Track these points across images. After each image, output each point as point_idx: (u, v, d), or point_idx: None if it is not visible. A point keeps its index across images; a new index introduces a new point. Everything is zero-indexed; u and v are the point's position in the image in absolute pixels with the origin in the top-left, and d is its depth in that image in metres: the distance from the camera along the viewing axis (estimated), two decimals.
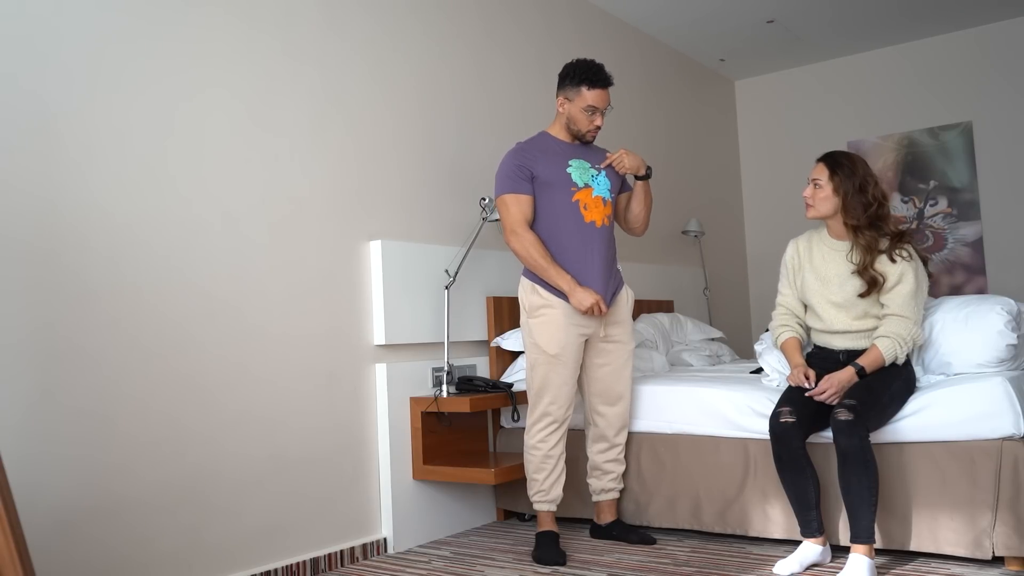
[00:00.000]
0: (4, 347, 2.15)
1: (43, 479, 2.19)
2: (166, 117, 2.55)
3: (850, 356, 2.76)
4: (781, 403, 2.69)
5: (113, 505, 2.33)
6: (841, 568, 2.51)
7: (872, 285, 2.70)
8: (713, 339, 4.55)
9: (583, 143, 3.06)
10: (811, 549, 2.64)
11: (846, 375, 2.65)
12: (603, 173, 3.03)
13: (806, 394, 2.67)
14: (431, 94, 3.53)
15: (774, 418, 2.65)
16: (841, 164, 2.76)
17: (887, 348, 2.66)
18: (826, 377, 2.66)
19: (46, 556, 2.15)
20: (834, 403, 2.62)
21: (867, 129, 5.65)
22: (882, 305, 2.73)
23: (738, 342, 5.53)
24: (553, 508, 3.02)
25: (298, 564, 2.79)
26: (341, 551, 2.94)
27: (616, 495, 3.15)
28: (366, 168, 3.19)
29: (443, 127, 3.57)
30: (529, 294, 2.99)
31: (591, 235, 2.96)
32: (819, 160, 2.82)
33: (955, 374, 2.84)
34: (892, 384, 2.68)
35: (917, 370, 2.88)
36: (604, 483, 3.13)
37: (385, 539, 3.11)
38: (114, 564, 2.32)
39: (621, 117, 4.65)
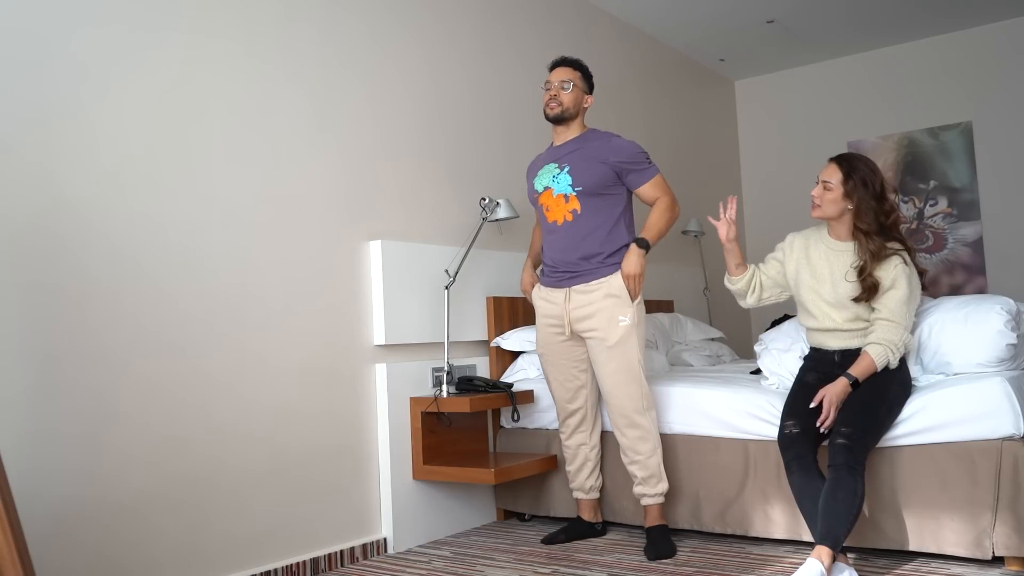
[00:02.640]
0: (4, 346, 2.15)
1: (43, 479, 2.19)
2: (166, 117, 2.55)
3: (844, 356, 2.75)
4: (784, 416, 2.69)
5: (113, 505, 2.33)
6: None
7: (871, 292, 2.66)
8: (713, 339, 4.55)
9: (558, 125, 3.10)
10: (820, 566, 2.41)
11: (840, 387, 2.61)
12: (565, 170, 3.03)
13: (818, 424, 2.60)
14: (432, 94, 3.53)
15: (780, 431, 2.67)
16: (857, 169, 2.70)
17: (879, 355, 2.63)
18: (821, 392, 2.60)
19: (46, 556, 2.15)
20: (830, 426, 2.56)
21: (867, 129, 5.65)
22: (873, 309, 2.71)
23: (738, 342, 5.53)
24: (580, 496, 3.18)
25: (298, 564, 2.79)
26: (341, 551, 2.94)
27: (648, 500, 3.00)
28: (366, 168, 3.19)
29: (443, 127, 3.57)
30: None
31: (557, 231, 3.08)
32: (832, 160, 2.76)
33: (955, 374, 2.84)
34: (888, 392, 2.66)
35: (916, 370, 2.87)
36: (635, 488, 3.03)
37: (385, 539, 3.11)
38: (114, 564, 2.32)
39: (621, 117, 4.65)
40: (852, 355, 2.71)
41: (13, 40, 2.23)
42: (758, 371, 3.40)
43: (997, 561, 2.57)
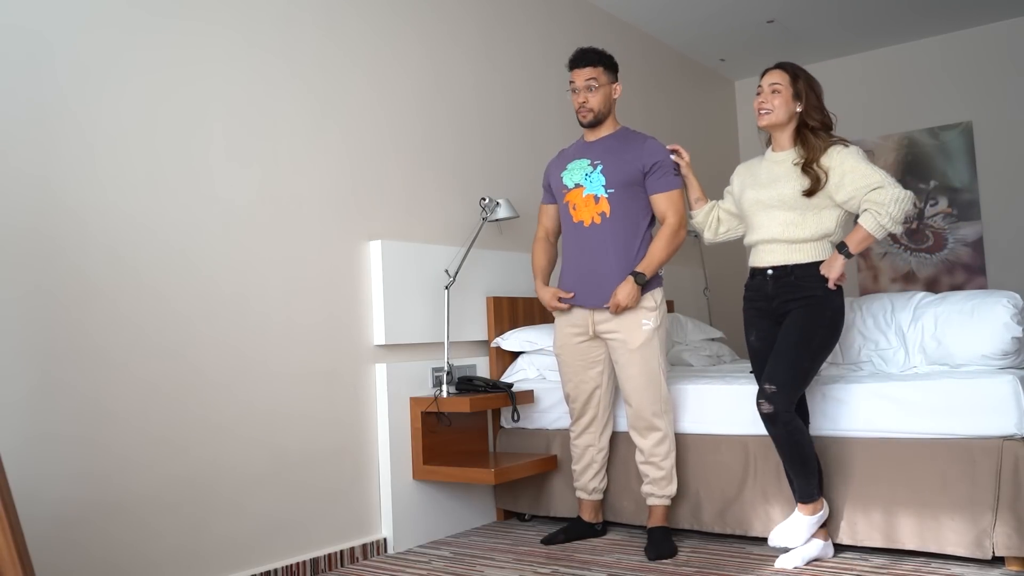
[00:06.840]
0: (3, 349, 2.15)
1: (43, 481, 2.19)
2: (167, 116, 2.55)
3: (777, 282, 2.76)
4: (759, 393, 2.68)
5: (112, 507, 2.33)
6: (837, 565, 2.51)
7: (816, 182, 2.66)
8: (713, 339, 4.55)
9: (592, 128, 3.07)
10: (814, 544, 2.64)
11: (835, 260, 2.66)
12: (599, 169, 3.00)
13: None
14: (431, 93, 3.53)
15: (757, 407, 2.67)
16: (801, 71, 2.79)
17: (869, 222, 2.62)
18: (825, 269, 2.68)
19: (46, 557, 2.15)
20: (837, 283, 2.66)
21: (867, 129, 5.65)
22: (848, 214, 2.72)
23: (738, 342, 5.51)
24: (583, 496, 3.16)
25: (298, 564, 2.79)
26: (341, 551, 2.94)
27: (655, 500, 3.00)
28: (366, 168, 3.19)
29: (443, 127, 3.57)
30: None
31: (582, 234, 3.02)
32: (774, 67, 2.82)
33: (958, 365, 2.84)
34: (815, 336, 2.67)
35: (919, 358, 2.90)
36: (643, 487, 3.04)
37: (385, 539, 3.11)
38: (114, 564, 2.32)
39: (621, 117, 4.63)
40: (785, 280, 2.74)
41: (9, 40, 2.23)
42: None
43: (997, 561, 2.57)
